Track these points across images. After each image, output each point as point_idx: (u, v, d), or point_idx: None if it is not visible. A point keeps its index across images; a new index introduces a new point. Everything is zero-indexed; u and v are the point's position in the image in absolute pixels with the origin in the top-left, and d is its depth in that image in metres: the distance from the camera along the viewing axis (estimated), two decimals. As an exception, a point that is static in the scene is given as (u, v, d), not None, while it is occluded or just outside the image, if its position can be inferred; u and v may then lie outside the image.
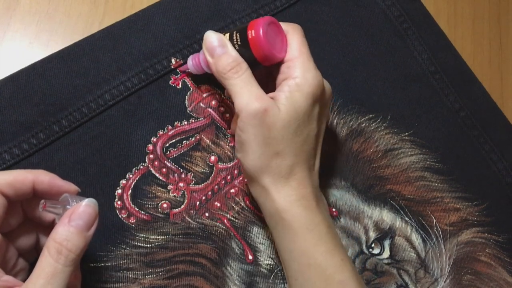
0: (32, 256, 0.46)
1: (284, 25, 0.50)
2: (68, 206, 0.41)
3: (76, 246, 0.39)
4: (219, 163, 0.55)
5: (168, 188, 0.53)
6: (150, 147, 0.54)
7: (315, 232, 0.47)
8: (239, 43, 0.48)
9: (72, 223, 0.40)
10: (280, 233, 0.48)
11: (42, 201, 0.41)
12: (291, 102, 0.47)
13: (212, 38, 0.49)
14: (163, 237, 0.52)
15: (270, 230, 0.50)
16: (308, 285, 0.47)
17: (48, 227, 0.44)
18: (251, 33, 0.47)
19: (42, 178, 0.43)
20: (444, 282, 0.57)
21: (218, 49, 0.48)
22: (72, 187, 0.44)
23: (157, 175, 0.53)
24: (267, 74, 0.51)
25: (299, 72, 0.48)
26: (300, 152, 0.48)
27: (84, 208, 0.41)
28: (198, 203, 0.54)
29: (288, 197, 0.47)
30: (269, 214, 0.49)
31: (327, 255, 0.47)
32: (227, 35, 0.49)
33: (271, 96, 0.47)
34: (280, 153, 0.47)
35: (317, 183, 0.50)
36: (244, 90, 0.46)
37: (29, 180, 0.42)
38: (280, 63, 0.49)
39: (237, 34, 0.48)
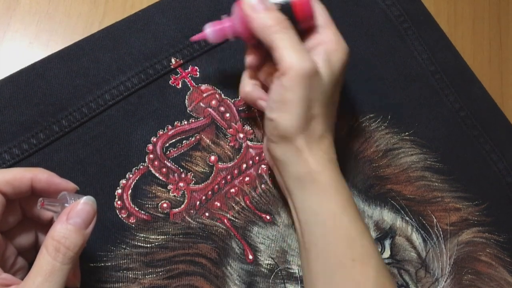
0: (31, 255, 0.46)
1: None
2: (66, 204, 0.41)
3: (74, 244, 0.39)
4: (219, 163, 0.55)
5: (168, 188, 0.53)
6: (150, 147, 0.54)
7: (344, 195, 0.48)
8: (280, 2, 0.48)
9: (70, 221, 0.40)
10: (306, 196, 0.48)
11: (40, 199, 0.41)
12: (329, 66, 0.47)
13: None
14: (163, 237, 0.52)
15: (291, 195, 0.50)
16: (330, 248, 0.47)
17: (46, 226, 0.44)
18: None
19: (40, 176, 0.43)
20: (445, 282, 0.57)
21: (259, 4, 0.47)
22: (70, 185, 0.44)
23: (157, 175, 0.53)
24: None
25: (333, 39, 0.49)
26: (330, 117, 0.49)
27: (82, 206, 0.41)
28: (198, 203, 0.54)
29: (320, 159, 0.47)
30: (297, 176, 0.48)
31: (352, 218, 0.47)
32: None
33: None
34: (317, 116, 0.47)
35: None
36: (296, 47, 0.46)
37: (27, 178, 0.42)
38: (309, 30, 0.50)
39: None
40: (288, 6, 0.48)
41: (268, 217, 0.55)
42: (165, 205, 0.53)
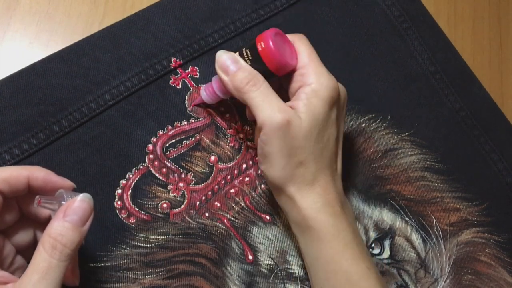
0: (30, 254, 0.46)
1: (289, 36, 0.50)
2: (63, 202, 0.41)
3: (71, 241, 0.39)
4: (219, 163, 0.55)
5: (168, 188, 0.53)
6: (150, 147, 0.54)
7: (340, 239, 0.47)
8: (250, 58, 0.48)
9: (67, 218, 0.40)
10: (306, 241, 0.49)
11: (37, 196, 0.41)
12: (310, 109, 0.47)
13: (223, 57, 0.49)
14: (163, 237, 0.52)
15: (296, 238, 0.51)
16: None
17: (44, 224, 0.44)
18: (260, 45, 0.47)
19: (36, 174, 0.43)
20: (444, 282, 0.57)
21: (231, 66, 0.48)
22: (67, 182, 0.44)
23: (157, 175, 0.53)
24: (278, 86, 0.51)
25: (314, 78, 0.48)
26: (322, 158, 0.48)
27: (79, 203, 0.41)
28: (198, 203, 0.54)
29: (313, 204, 0.47)
30: (295, 222, 0.49)
31: (352, 261, 0.47)
32: (237, 53, 0.49)
33: (289, 105, 0.47)
34: (303, 161, 0.47)
35: (341, 187, 0.51)
36: (265, 102, 0.46)
37: (23, 176, 0.42)
38: (292, 72, 0.49)
39: (247, 50, 0.49)
40: (258, 58, 0.48)
41: (268, 217, 0.55)
42: (165, 205, 0.53)
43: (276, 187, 0.49)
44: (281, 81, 0.51)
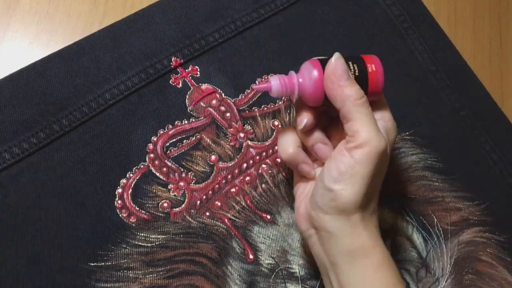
0: None
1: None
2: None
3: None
4: (220, 162, 0.55)
5: (169, 187, 0.53)
6: (151, 146, 0.54)
7: (395, 271, 0.47)
8: (356, 74, 0.47)
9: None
10: (359, 270, 0.46)
11: None
12: (388, 138, 0.47)
13: (343, 65, 0.46)
14: (163, 236, 0.52)
15: (335, 268, 0.47)
16: None
17: None
18: (371, 67, 0.47)
19: None
20: (445, 281, 0.57)
21: (344, 75, 0.46)
22: None
23: (157, 174, 0.53)
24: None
25: (390, 116, 0.49)
26: (379, 189, 0.48)
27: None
28: (198, 202, 0.54)
29: (373, 233, 0.46)
30: (347, 249, 0.46)
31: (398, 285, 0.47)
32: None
33: None
34: (375, 194, 0.47)
35: None
36: (374, 123, 0.45)
37: None
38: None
39: (354, 65, 0.47)
40: (364, 77, 0.47)
41: (268, 216, 0.55)
42: (165, 204, 0.53)
43: (342, 210, 0.45)
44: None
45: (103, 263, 0.50)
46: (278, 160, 0.57)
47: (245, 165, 0.56)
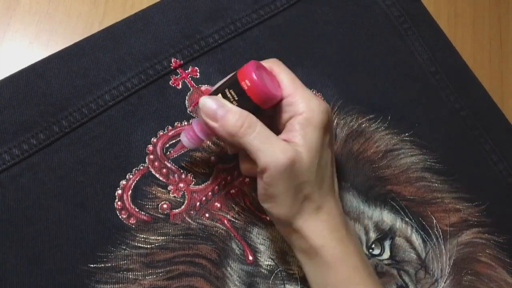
0: None
1: (264, 63, 0.48)
2: None
3: None
4: (219, 164, 0.55)
5: (168, 188, 0.53)
6: (150, 147, 0.54)
7: (349, 264, 0.47)
8: (235, 98, 0.46)
9: None
10: (314, 268, 0.48)
11: None
12: (307, 141, 0.45)
13: (208, 103, 0.45)
14: (163, 237, 0.52)
15: (301, 264, 0.50)
16: None
17: None
18: (245, 84, 0.45)
19: None
20: (444, 282, 0.57)
21: (219, 110, 0.45)
22: None
23: (157, 175, 0.53)
24: (269, 119, 0.49)
25: (303, 106, 0.46)
26: (324, 184, 0.47)
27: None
28: (198, 203, 0.54)
29: (320, 232, 0.47)
30: (301, 251, 0.48)
31: (361, 285, 0.47)
32: (219, 95, 0.46)
33: (284, 138, 0.46)
34: (308, 194, 0.46)
35: (341, 208, 0.50)
36: (266, 144, 0.44)
37: None
38: (279, 102, 0.47)
39: (230, 90, 0.46)
40: (245, 97, 0.45)
41: (268, 218, 0.55)
42: (165, 206, 0.53)
43: (281, 222, 0.48)
44: (270, 113, 0.49)
45: (102, 265, 0.50)
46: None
47: (244, 166, 0.56)
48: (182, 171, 0.54)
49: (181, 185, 0.54)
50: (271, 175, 0.44)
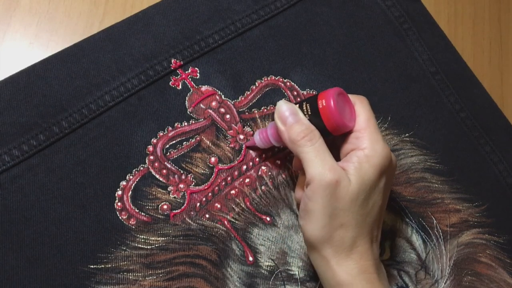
0: None
1: (351, 96, 0.50)
2: None
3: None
4: (219, 164, 0.55)
5: (168, 189, 0.53)
6: (150, 148, 0.54)
7: None
8: (309, 113, 0.48)
9: None
10: None
11: None
12: (360, 173, 0.46)
13: (283, 107, 0.49)
14: (163, 238, 0.52)
15: None
16: None
17: None
18: (321, 103, 0.47)
19: None
20: (445, 283, 0.57)
21: (290, 117, 0.48)
22: None
23: (157, 176, 0.53)
24: (331, 144, 0.50)
25: (368, 144, 0.47)
26: (364, 224, 0.47)
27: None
28: (198, 204, 0.54)
29: (349, 270, 0.46)
30: (328, 285, 0.48)
31: None
32: (297, 105, 0.49)
33: (339, 165, 0.47)
34: (344, 224, 0.46)
35: (378, 254, 0.50)
36: (318, 159, 0.46)
37: None
38: (348, 133, 0.49)
39: (307, 104, 0.48)
40: (317, 114, 0.48)
41: (268, 218, 0.55)
42: (165, 206, 0.53)
43: (311, 244, 0.48)
44: (335, 140, 0.50)
45: (103, 265, 0.50)
46: (278, 162, 0.57)
47: (244, 167, 0.56)
48: (182, 172, 0.54)
49: (181, 185, 0.54)
50: (313, 188, 0.45)
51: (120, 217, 0.51)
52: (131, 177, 0.53)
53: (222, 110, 0.57)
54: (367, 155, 0.47)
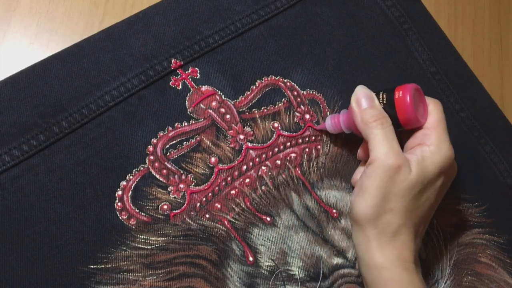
0: None
1: (427, 98, 0.52)
2: None
3: None
4: (220, 164, 0.55)
5: (169, 189, 0.53)
6: (151, 148, 0.54)
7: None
8: (384, 101, 0.50)
9: None
10: (374, 282, 0.49)
11: None
12: (421, 166, 0.48)
13: (361, 92, 0.51)
14: (163, 238, 0.52)
15: (362, 274, 0.51)
16: None
17: None
18: (398, 94, 0.49)
19: None
20: (445, 283, 0.57)
21: (365, 101, 0.51)
22: None
23: (157, 176, 0.53)
24: (397, 136, 0.52)
25: (435, 141, 0.49)
26: (412, 215, 0.49)
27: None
28: (198, 204, 0.54)
29: (389, 255, 0.48)
30: (366, 265, 0.49)
31: None
32: (374, 93, 0.52)
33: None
34: (394, 210, 0.48)
35: (418, 249, 0.51)
36: (385, 142, 0.48)
37: None
38: (416, 129, 0.51)
39: (384, 94, 0.51)
40: (391, 104, 0.50)
41: (268, 218, 0.55)
42: (165, 206, 0.53)
43: (358, 221, 0.49)
44: (401, 136, 0.52)
45: (103, 266, 0.50)
46: (278, 162, 0.57)
47: (245, 167, 0.56)
48: (182, 171, 0.54)
49: (181, 186, 0.54)
50: (374, 167, 0.48)
51: (120, 217, 0.51)
52: (131, 177, 0.53)
53: (222, 110, 0.57)
54: (432, 152, 0.49)
